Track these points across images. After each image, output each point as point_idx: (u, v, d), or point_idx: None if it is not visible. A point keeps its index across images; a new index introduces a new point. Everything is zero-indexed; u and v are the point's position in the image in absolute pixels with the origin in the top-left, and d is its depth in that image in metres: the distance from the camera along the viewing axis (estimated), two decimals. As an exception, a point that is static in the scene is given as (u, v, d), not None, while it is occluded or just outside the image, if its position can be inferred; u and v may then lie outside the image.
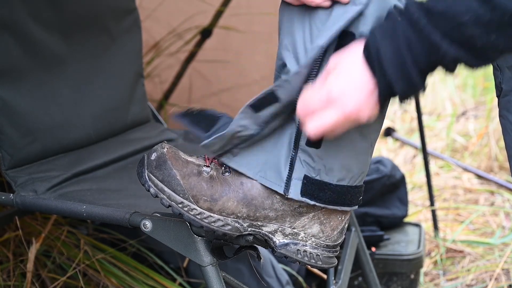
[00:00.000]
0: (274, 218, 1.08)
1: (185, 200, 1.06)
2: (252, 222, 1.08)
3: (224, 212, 1.07)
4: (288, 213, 1.08)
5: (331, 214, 1.09)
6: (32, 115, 1.42)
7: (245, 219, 1.07)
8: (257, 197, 1.07)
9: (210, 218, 1.07)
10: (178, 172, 1.07)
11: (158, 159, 1.08)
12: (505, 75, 1.12)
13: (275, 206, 1.07)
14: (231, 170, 1.08)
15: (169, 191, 1.06)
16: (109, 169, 1.50)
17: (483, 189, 2.79)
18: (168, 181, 1.07)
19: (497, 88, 1.14)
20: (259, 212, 1.07)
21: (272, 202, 1.07)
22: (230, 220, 1.07)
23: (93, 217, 1.23)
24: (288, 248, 1.09)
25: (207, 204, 1.06)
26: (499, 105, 1.15)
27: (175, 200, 1.06)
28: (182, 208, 1.06)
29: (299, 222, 1.09)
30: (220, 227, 1.07)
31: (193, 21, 2.37)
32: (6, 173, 1.36)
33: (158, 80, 2.49)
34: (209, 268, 1.12)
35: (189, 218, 1.07)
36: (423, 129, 2.29)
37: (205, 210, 1.06)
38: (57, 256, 1.72)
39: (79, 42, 1.56)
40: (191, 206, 1.06)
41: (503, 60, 1.11)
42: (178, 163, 1.08)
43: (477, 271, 2.12)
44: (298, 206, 1.08)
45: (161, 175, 1.07)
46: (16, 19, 1.40)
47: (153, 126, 1.75)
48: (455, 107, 3.81)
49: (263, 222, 1.08)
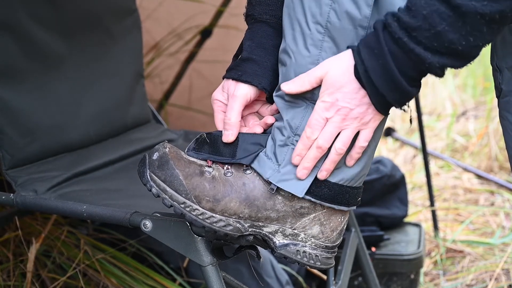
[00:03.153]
0: (276, 219, 1.08)
1: (188, 201, 1.06)
2: (253, 223, 1.08)
3: (226, 213, 1.07)
4: (289, 214, 1.08)
5: (331, 215, 1.09)
6: (32, 115, 1.42)
7: (246, 219, 1.07)
8: (259, 198, 1.07)
9: (212, 219, 1.07)
10: (180, 172, 1.07)
11: (160, 159, 1.08)
12: (504, 76, 1.13)
13: (277, 207, 1.07)
14: (233, 170, 1.08)
15: (172, 191, 1.06)
16: (109, 170, 1.50)
17: (483, 189, 2.79)
18: (170, 181, 1.06)
19: (497, 89, 1.15)
20: (261, 213, 1.07)
21: (274, 203, 1.07)
22: (232, 221, 1.07)
23: (93, 217, 1.23)
24: (287, 249, 1.09)
25: (209, 204, 1.06)
26: (499, 106, 1.15)
27: (177, 200, 1.06)
28: (184, 208, 1.06)
29: (300, 223, 1.09)
30: (222, 228, 1.07)
31: (193, 21, 2.38)
32: (7, 173, 1.36)
33: (158, 80, 2.49)
34: (209, 268, 1.12)
35: (191, 219, 1.07)
36: (423, 129, 2.29)
37: (207, 211, 1.06)
38: (57, 256, 1.71)
39: (80, 43, 1.56)
40: (194, 207, 1.06)
41: (503, 61, 1.12)
42: (180, 163, 1.07)
43: (477, 271, 2.12)
44: (300, 207, 1.08)
45: (163, 175, 1.07)
46: (16, 19, 1.39)
47: (153, 127, 1.75)
48: (455, 107, 3.81)
49: (264, 223, 1.08)
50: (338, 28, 1.00)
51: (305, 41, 1.02)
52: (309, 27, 1.02)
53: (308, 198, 1.06)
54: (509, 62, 1.11)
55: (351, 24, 1.00)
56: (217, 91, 1.15)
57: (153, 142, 1.64)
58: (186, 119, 2.55)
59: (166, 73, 2.49)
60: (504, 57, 1.11)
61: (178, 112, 2.54)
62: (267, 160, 1.07)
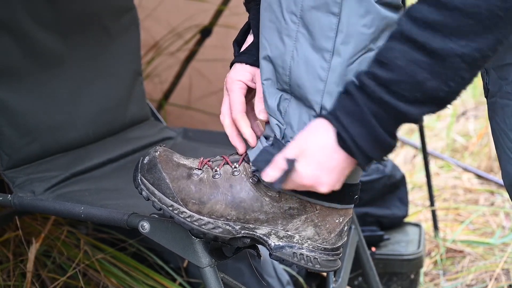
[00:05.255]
0: (265, 221, 1.07)
1: (175, 203, 1.07)
2: (244, 225, 1.07)
3: (213, 215, 1.07)
4: (279, 216, 1.07)
5: (327, 216, 1.08)
6: (31, 115, 1.42)
7: (235, 221, 1.07)
8: (245, 200, 1.06)
9: (200, 221, 1.07)
10: (167, 175, 1.08)
11: (150, 163, 1.09)
12: (491, 77, 1.11)
13: (265, 208, 1.07)
14: (221, 172, 1.08)
15: (160, 194, 1.08)
16: (108, 169, 1.50)
17: (483, 189, 2.79)
18: (158, 184, 1.08)
19: (485, 90, 1.14)
20: (248, 215, 1.07)
21: (261, 204, 1.06)
22: (221, 223, 1.07)
23: (91, 218, 1.23)
24: (283, 251, 1.08)
25: (195, 207, 1.07)
26: (487, 106, 1.14)
27: (165, 203, 1.07)
28: (172, 211, 1.07)
29: (291, 224, 1.08)
30: (210, 230, 1.07)
31: (193, 20, 2.37)
32: (4, 173, 1.35)
33: (158, 80, 2.49)
34: (207, 270, 1.12)
35: (179, 221, 1.07)
36: (423, 129, 2.29)
37: (194, 213, 1.07)
38: (57, 256, 1.71)
39: (78, 41, 1.55)
40: (181, 209, 1.07)
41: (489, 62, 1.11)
42: (168, 166, 1.09)
43: (477, 271, 2.12)
44: (288, 208, 1.07)
45: (152, 178, 1.08)
46: (15, 19, 1.39)
47: (152, 124, 1.75)
48: (455, 107, 3.81)
49: (255, 225, 1.08)
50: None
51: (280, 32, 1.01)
52: (284, 17, 1.00)
53: (291, 193, 1.05)
54: (494, 62, 1.09)
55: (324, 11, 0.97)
56: (236, 72, 1.12)
57: (151, 140, 1.63)
58: (186, 118, 2.55)
59: (166, 72, 2.48)
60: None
61: (178, 112, 2.54)
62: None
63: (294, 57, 1.00)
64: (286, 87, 1.02)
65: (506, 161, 1.11)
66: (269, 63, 1.04)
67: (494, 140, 1.14)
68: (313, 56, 0.99)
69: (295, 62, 1.00)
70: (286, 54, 1.01)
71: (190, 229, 1.08)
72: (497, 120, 1.11)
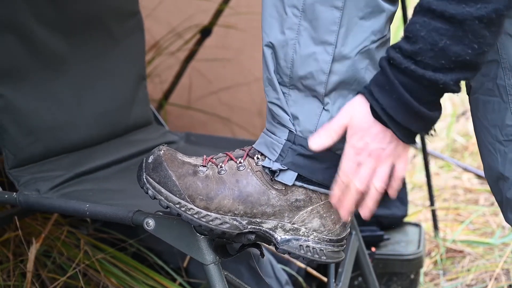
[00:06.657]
0: (272, 214, 1.08)
1: (182, 200, 1.07)
2: (251, 219, 1.08)
3: (221, 210, 1.07)
4: (285, 208, 1.08)
5: (331, 208, 1.09)
6: (35, 115, 1.42)
7: (243, 216, 1.08)
8: (252, 194, 1.07)
9: (208, 217, 1.07)
10: (173, 173, 1.08)
11: (155, 161, 1.10)
12: None
13: (272, 201, 1.07)
14: (227, 168, 1.09)
15: (166, 192, 1.08)
16: (111, 170, 1.51)
17: (483, 189, 2.79)
18: (164, 182, 1.08)
19: (467, 87, 1.15)
20: (256, 209, 1.07)
21: (268, 198, 1.07)
22: (228, 218, 1.07)
23: (96, 216, 1.23)
24: (290, 244, 1.09)
25: (203, 203, 1.07)
26: (469, 103, 1.16)
27: (172, 200, 1.08)
28: (179, 208, 1.07)
29: (298, 217, 1.08)
30: (218, 226, 1.07)
31: (193, 20, 2.37)
32: (9, 172, 1.37)
33: (158, 80, 2.49)
34: (212, 267, 1.12)
35: (187, 218, 1.08)
36: (423, 129, 2.29)
37: (202, 209, 1.07)
38: (57, 256, 1.71)
39: (82, 43, 1.56)
40: (188, 206, 1.07)
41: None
42: (173, 164, 1.09)
43: (477, 271, 2.12)
44: (295, 200, 1.08)
45: (157, 176, 1.09)
46: (19, 19, 1.40)
47: (155, 128, 1.76)
48: (455, 107, 3.81)
49: (262, 219, 1.08)
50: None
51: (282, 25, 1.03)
52: (286, 11, 1.02)
53: (300, 184, 1.06)
54: None
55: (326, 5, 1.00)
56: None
57: (154, 144, 1.63)
58: (186, 118, 2.55)
59: (166, 72, 2.48)
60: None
61: (178, 111, 2.54)
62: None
63: (296, 50, 1.02)
64: (286, 80, 1.04)
65: (488, 156, 1.13)
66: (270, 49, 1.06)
67: (476, 136, 1.16)
68: (316, 49, 1.01)
69: (297, 55, 1.02)
70: (289, 47, 1.02)
71: (197, 225, 1.08)
72: (478, 116, 1.13)
